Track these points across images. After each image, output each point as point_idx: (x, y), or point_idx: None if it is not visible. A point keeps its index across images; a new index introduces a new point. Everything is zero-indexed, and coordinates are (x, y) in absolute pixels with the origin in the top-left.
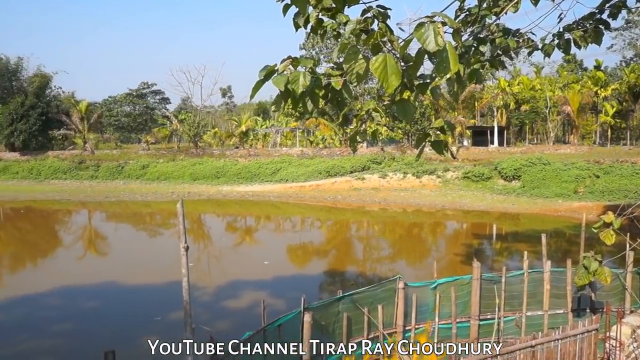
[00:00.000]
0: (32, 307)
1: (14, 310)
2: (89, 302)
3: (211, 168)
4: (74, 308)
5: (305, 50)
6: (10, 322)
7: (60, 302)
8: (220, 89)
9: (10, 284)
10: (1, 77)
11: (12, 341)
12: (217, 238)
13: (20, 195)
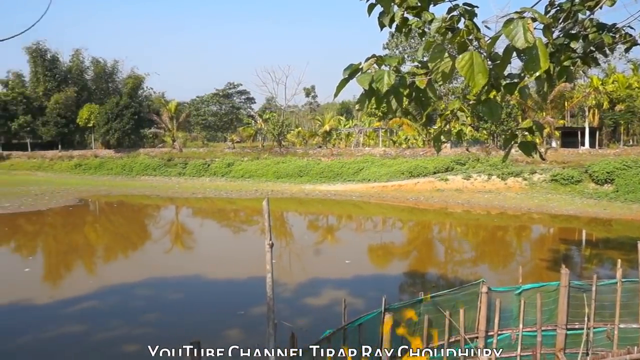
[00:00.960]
0: (124, 296)
1: (107, 298)
2: (175, 294)
3: (294, 167)
4: (161, 299)
5: (389, 50)
6: (104, 309)
7: (149, 293)
8: (304, 88)
9: (104, 273)
10: (99, 79)
11: (106, 327)
12: (299, 236)
13: (113, 190)
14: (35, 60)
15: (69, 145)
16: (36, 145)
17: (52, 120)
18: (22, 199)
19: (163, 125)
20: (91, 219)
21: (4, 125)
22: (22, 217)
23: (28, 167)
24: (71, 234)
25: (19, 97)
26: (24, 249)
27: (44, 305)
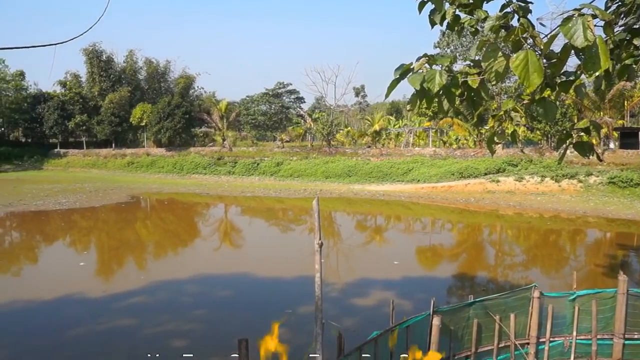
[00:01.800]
0: (173, 292)
1: (157, 293)
2: (223, 291)
3: (343, 166)
4: (209, 295)
5: (439, 49)
6: (154, 304)
7: (197, 289)
8: (353, 88)
9: (154, 269)
10: (152, 79)
11: (155, 322)
12: (347, 236)
13: (164, 188)
14: (91, 62)
15: (122, 143)
16: (91, 143)
17: (107, 119)
18: (77, 196)
19: (213, 124)
20: (142, 215)
21: (62, 124)
22: (77, 213)
23: (83, 164)
24: (123, 230)
25: (76, 97)
26: (78, 243)
27: (97, 299)
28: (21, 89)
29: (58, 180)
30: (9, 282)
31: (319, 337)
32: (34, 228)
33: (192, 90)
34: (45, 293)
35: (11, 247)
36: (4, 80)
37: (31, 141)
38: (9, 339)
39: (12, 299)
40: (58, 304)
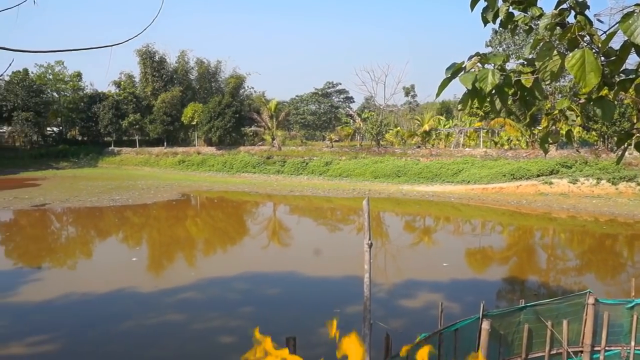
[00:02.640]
0: (221, 289)
1: (206, 290)
2: (271, 289)
3: (392, 167)
4: (257, 293)
5: (491, 47)
6: (203, 301)
7: (245, 287)
8: (403, 88)
9: (203, 266)
10: (203, 79)
11: (204, 317)
12: (395, 236)
13: (214, 186)
14: (144, 62)
15: (173, 142)
16: (144, 142)
17: (159, 118)
18: (130, 193)
19: (263, 123)
20: (192, 213)
21: (116, 123)
22: (129, 209)
23: (136, 162)
24: (174, 227)
25: (130, 96)
26: (130, 239)
27: (148, 294)
28: (78, 90)
29: (112, 178)
30: (65, 275)
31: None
32: (89, 223)
33: (243, 89)
34: (99, 287)
35: (67, 242)
36: (62, 81)
37: (87, 139)
38: (64, 330)
39: (68, 292)
40: (111, 298)
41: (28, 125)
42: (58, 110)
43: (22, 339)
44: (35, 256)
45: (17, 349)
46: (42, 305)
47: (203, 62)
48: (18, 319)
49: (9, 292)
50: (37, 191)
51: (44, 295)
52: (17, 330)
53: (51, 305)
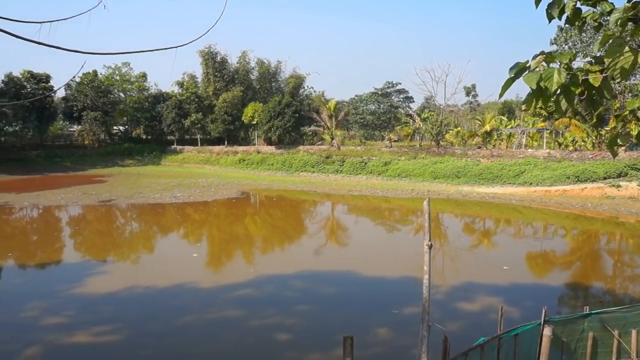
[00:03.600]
0: (279, 286)
1: (264, 287)
2: (328, 288)
3: (452, 167)
4: (314, 291)
5: (556, 45)
6: (261, 298)
7: (303, 285)
8: (464, 87)
9: (262, 263)
10: (263, 79)
11: (261, 314)
12: (454, 238)
13: (273, 185)
14: (206, 63)
15: (234, 141)
16: (205, 140)
17: (220, 118)
18: (191, 190)
19: (322, 123)
20: (252, 211)
21: (179, 122)
22: (191, 206)
23: (197, 160)
24: (233, 224)
25: (192, 96)
26: (191, 236)
27: (208, 289)
28: (143, 90)
29: (174, 175)
30: (129, 268)
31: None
32: (152, 220)
33: (302, 89)
34: (161, 281)
35: (131, 237)
36: (128, 81)
37: (151, 138)
38: (127, 321)
39: (132, 285)
40: (172, 292)
41: (96, 124)
42: (124, 109)
43: (87, 329)
44: (101, 250)
45: (83, 338)
46: (106, 296)
47: (264, 63)
48: (84, 309)
49: (76, 283)
50: (104, 187)
51: (108, 287)
52: (83, 320)
53: (115, 297)
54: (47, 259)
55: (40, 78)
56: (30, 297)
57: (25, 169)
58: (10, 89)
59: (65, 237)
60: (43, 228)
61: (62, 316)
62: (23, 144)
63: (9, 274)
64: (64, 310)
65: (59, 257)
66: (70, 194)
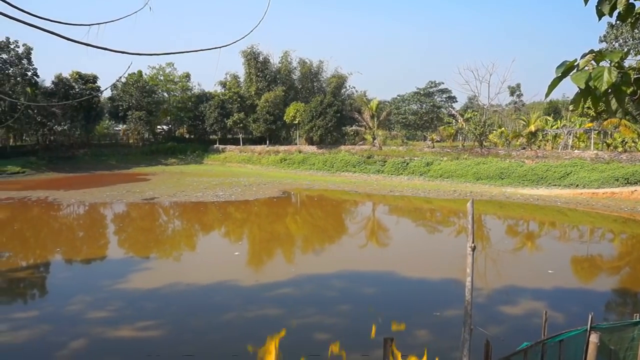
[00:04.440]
0: (319, 286)
1: (304, 286)
2: (368, 288)
3: (495, 168)
4: (354, 291)
5: (606, 43)
6: (301, 297)
7: (342, 285)
8: (508, 87)
9: (302, 262)
10: (305, 78)
11: (301, 313)
12: (496, 240)
13: (314, 185)
14: (249, 63)
15: (275, 140)
16: (247, 140)
17: (262, 117)
18: (233, 189)
19: (364, 123)
20: (292, 210)
21: (221, 122)
22: (232, 205)
23: (239, 160)
24: (274, 223)
25: (234, 96)
26: (233, 234)
27: (249, 287)
28: (186, 90)
29: (216, 174)
30: (171, 265)
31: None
32: (194, 218)
33: (344, 89)
34: (202, 278)
35: (173, 234)
36: (172, 81)
37: (194, 137)
38: (169, 317)
39: (174, 281)
40: (213, 289)
41: (140, 124)
42: (168, 109)
43: (131, 323)
44: (144, 247)
45: (127, 332)
46: (149, 292)
47: (305, 62)
48: (128, 304)
49: (120, 279)
50: (147, 186)
51: (151, 284)
52: (127, 315)
53: (158, 293)
54: (92, 254)
55: (87, 79)
56: (76, 291)
57: (73, 167)
58: (60, 89)
59: (109, 233)
60: (89, 224)
61: (106, 310)
62: (71, 143)
63: (57, 268)
64: (108, 305)
65: (104, 253)
66: (115, 192)
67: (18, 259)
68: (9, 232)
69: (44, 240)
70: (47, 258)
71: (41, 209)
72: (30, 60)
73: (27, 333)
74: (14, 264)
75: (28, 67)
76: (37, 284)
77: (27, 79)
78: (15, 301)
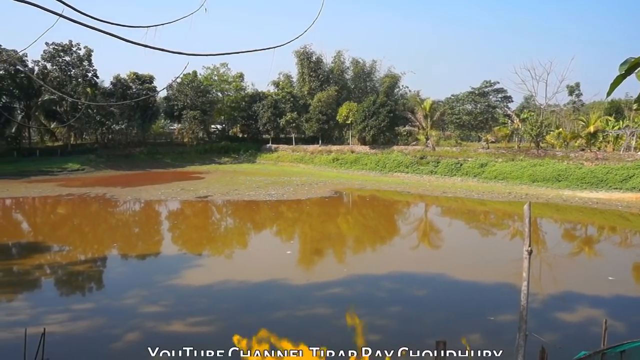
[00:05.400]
0: (369, 287)
1: (354, 286)
2: (419, 290)
3: (552, 170)
4: (404, 293)
5: None
6: (351, 297)
7: (393, 286)
8: (567, 86)
9: (353, 263)
10: (358, 78)
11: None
12: (552, 244)
13: (366, 185)
14: (302, 63)
15: (328, 140)
16: (300, 139)
17: (315, 117)
18: (285, 188)
19: (417, 123)
20: (344, 210)
21: (274, 121)
22: (284, 204)
23: (291, 159)
24: (325, 223)
25: (287, 96)
26: (284, 233)
27: (300, 286)
28: (240, 89)
29: (268, 173)
30: (223, 263)
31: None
32: (246, 216)
33: (397, 89)
34: (254, 276)
35: (226, 232)
36: (226, 81)
37: (247, 136)
38: (221, 313)
39: (226, 279)
40: (265, 287)
41: (195, 123)
42: (222, 109)
43: (183, 319)
44: (197, 244)
45: (179, 327)
46: (202, 289)
47: (358, 62)
48: (180, 300)
49: (173, 275)
50: (201, 184)
51: (204, 280)
52: (179, 311)
53: (210, 289)
54: (147, 250)
55: (144, 79)
56: (131, 285)
57: (129, 165)
58: (118, 89)
59: (164, 230)
60: (144, 221)
61: (159, 305)
62: (128, 141)
63: (113, 262)
64: (161, 300)
65: (158, 249)
66: (170, 190)
67: (77, 252)
68: (69, 227)
69: (101, 236)
70: (104, 253)
71: (99, 205)
72: (91, 62)
73: (85, 324)
74: (73, 258)
75: (89, 68)
76: (94, 277)
77: (87, 79)
78: (74, 293)
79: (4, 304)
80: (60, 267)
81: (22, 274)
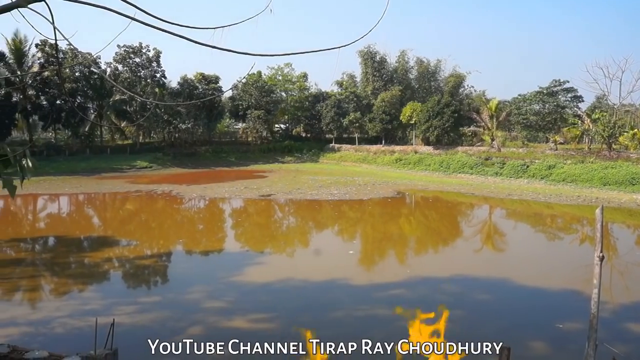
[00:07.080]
0: (431, 289)
1: (416, 288)
2: (482, 295)
3: (625, 173)
4: (467, 297)
5: None
6: (413, 299)
7: (455, 289)
8: None
9: (415, 264)
10: (422, 78)
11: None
12: (625, 251)
13: (429, 186)
14: (365, 62)
15: (391, 140)
16: (362, 139)
17: (378, 117)
18: (347, 188)
19: (482, 123)
20: (406, 211)
21: (337, 121)
22: (346, 204)
23: (354, 159)
24: (387, 223)
25: (351, 95)
26: (346, 233)
27: (361, 286)
28: (304, 89)
29: (331, 173)
30: (285, 261)
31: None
32: (308, 215)
33: (462, 89)
34: (315, 275)
35: (288, 231)
36: (290, 81)
37: (310, 136)
38: (281, 311)
39: (287, 277)
40: (326, 286)
41: (259, 122)
42: (285, 108)
43: (244, 315)
44: (260, 242)
45: (240, 323)
46: (263, 286)
47: (423, 62)
48: (242, 296)
49: (236, 272)
50: (264, 182)
51: (265, 278)
52: (241, 307)
53: (271, 287)
54: (210, 247)
55: (210, 79)
56: (195, 280)
57: (195, 163)
58: (185, 89)
59: (227, 227)
60: (208, 218)
61: (222, 301)
62: (194, 140)
63: (178, 258)
64: (224, 296)
65: (221, 246)
66: (234, 188)
67: (144, 247)
68: (136, 222)
69: (167, 231)
70: (169, 248)
71: (165, 202)
72: (159, 63)
73: (151, 317)
74: (140, 252)
75: (157, 69)
76: (160, 271)
77: (156, 80)
78: (140, 286)
79: (77, 294)
80: (128, 260)
81: (92, 266)
